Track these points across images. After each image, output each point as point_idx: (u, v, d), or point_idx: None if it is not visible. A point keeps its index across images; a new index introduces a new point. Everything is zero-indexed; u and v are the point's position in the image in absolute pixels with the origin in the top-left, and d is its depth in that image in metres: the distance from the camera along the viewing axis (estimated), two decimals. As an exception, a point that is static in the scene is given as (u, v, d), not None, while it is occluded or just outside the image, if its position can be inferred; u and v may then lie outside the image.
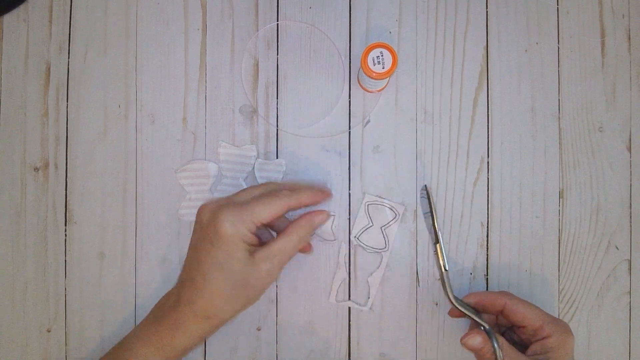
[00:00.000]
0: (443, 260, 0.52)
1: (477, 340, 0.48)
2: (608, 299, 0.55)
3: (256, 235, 0.47)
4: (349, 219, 0.55)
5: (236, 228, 0.45)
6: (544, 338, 0.48)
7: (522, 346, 0.50)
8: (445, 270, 0.51)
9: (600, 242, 0.55)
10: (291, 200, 0.48)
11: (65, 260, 0.55)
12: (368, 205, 0.55)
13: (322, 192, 0.51)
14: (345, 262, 0.55)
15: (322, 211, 0.49)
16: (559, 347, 0.47)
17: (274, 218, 0.47)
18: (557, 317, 0.54)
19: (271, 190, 0.48)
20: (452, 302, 0.50)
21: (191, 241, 0.48)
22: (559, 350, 0.47)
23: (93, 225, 0.55)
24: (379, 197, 0.55)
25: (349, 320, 0.55)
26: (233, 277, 0.46)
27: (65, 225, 0.56)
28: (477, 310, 0.51)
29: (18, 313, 0.55)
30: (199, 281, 0.46)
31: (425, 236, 0.55)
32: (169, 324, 0.48)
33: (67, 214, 0.56)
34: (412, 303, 0.55)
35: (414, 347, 0.55)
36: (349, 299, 0.55)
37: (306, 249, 0.54)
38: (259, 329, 0.55)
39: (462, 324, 0.55)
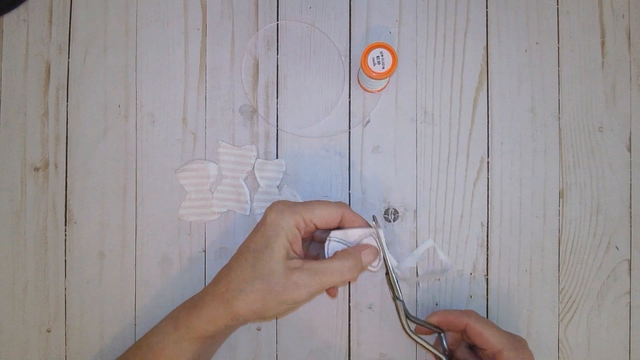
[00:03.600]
0: (396, 290, 0.50)
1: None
2: (608, 299, 0.55)
3: (302, 238, 0.46)
4: (349, 219, 0.55)
5: (282, 215, 0.44)
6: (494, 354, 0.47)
7: None
8: (400, 300, 0.50)
9: (600, 242, 0.55)
10: (347, 210, 0.47)
11: (65, 260, 0.55)
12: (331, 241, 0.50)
13: (370, 242, 0.49)
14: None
15: (374, 248, 0.48)
16: None
17: (327, 221, 0.46)
18: (558, 317, 0.55)
19: (335, 199, 0.49)
20: (407, 333, 0.49)
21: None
22: None
23: (93, 225, 0.55)
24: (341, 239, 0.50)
25: (349, 320, 0.55)
26: (259, 266, 0.44)
27: (65, 225, 0.56)
28: (442, 330, 0.51)
29: (18, 313, 0.55)
30: (231, 262, 0.46)
31: (425, 236, 0.55)
32: (191, 302, 0.47)
33: (67, 214, 0.56)
34: (412, 303, 0.55)
35: (414, 347, 0.55)
36: (349, 298, 0.55)
37: (331, 292, 0.52)
38: (259, 329, 0.55)
39: (462, 324, 0.55)
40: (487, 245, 0.55)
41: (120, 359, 0.49)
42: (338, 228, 0.49)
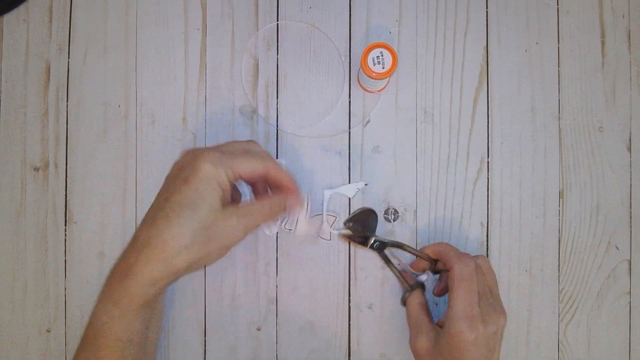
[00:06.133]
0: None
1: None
2: (608, 299, 0.55)
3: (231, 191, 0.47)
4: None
5: (216, 169, 0.44)
6: (449, 270, 0.49)
7: None
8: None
9: (600, 242, 0.55)
10: (271, 164, 0.47)
11: (65, 260, 0.55)
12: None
13: (295, 187, 0.50)
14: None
15: (299, 197, 0.49)
16: (453, 275, 0.48)
17: (253, 175, 0.46)
18: (558, 317, 0.55)
19: (255, 151, 0.48)
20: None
21: (164, 181, 0.47)
22: (452, 320, 0.47)
23: (93, 225, 0.55)
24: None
25: (349, 320, 0.55)
26: (198, 221, 0.44)
27: (65, 225, 0.56)
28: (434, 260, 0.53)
29: (18, 313, 0.55)
30: (161, 220, 0.44)
31: (425, 236, 0.55)
32: (120, 273, 0.45)
33: (67, 214, 0.56)
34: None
35: (414, 347, 0.55)
36: (349, 298, 0.55)
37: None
38: (259, 329, 0.55)
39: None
40: (487, 245, 0.55)
41: (76, 355, 0.48)
42: None
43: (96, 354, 0.46)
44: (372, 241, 0.52)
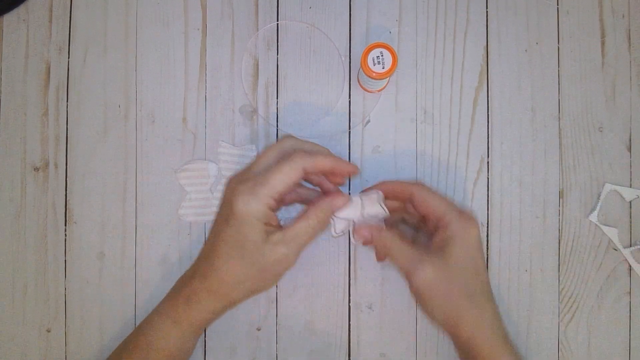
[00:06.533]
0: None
1: (365, 231, 0.47)
2: (608, 299, 0.55)
3: (275, 211, 0.46)
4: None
5: (250, 206, 0.43)
6: (442, 228, 0.46)
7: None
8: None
9: (600, 242, 0.55)
10: (307, 162, 0.45)
11: (65, 260, 0.55)
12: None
13: (342, 161, 0.48)
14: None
15: (341, 194, 0.48)
16: (458, 236, 0.46)
17: (292, 186, 0.45)
18: (558, 317, 0.55)
19: (285, 153, 0.46)
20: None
21: (215, 216, 0.48)
22: (459, 240, 0.46)
23: (93, 225, 0.55)
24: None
25: (349, 320, 0.55)
26: (247, 259, 0.45)
27: (65, 225, 0.56)
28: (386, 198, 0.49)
29: (18, 313, 0.55)
30: (214, 258, 0.46)
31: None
32: (183, 297, 0.47)
33: (67, 214, 0.56)
34: (412, 303, 0.55)
35: (414, 347, 0.55)
36: (349, 298, 0.55)
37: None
38: (259, 329, 0.55)
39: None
40: (487, 245, 0.55)
41: (122, 357, 0.49)
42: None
43: None
44: None
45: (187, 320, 0.47)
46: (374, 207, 0.48)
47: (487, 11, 0.56)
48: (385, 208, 0.48)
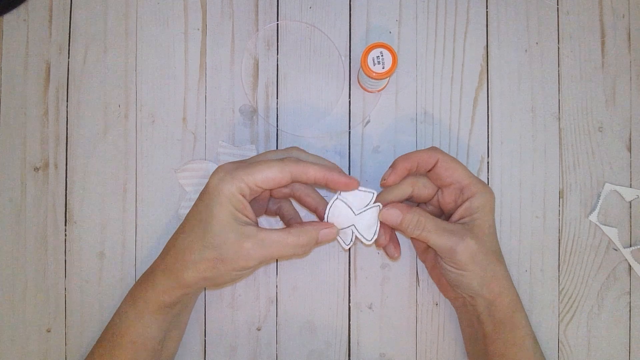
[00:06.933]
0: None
1: (393, 212, 0.46)
2: (608, 299, 0.55)
3: (249, 201, 0.44)
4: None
5: (223, 182, 0.42)
6: (469, 198, 0.47)
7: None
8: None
9: (600, 242, 0.55)
10: (295, 168, 0.43)
11: (65, 260, 0.55)
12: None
13: (337, 171, 0.45)
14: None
15: (331, 226, 0.46)
16: (483, 206, 0.47)
17: (274, 184, 0.43)
18: (558, 317, 0.55)
19: (287, 156, 0.45)
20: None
21: None
22: (484, 210, 0.47)
23: (93, 225, 0.55)
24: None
25: (349, 320, 0.55)
26: (208, 239, 0.42)
27: (65, 225, 0.56)
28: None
29: (18, 313, 0.55)
30: (178, 233, 0.45)
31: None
32: (143, 277, 0.47)
33: (67, 214, 0.56)
34: (412, 303, 0.55)
35: (414, 347, 0.55)
36: (349, 298, 0.55)
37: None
38: (259, 329, 0.55)
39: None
40: (487, 245, 0.55)
41: (92, 351, 0.50)
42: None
43: (110, 352, 0.48)
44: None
45: (143, 299, 0.46)
46: (360, 201, 0.47)
47: (487, 11, 0.56)
48: (373, 199, 0.47)
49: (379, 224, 0.48)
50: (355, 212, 0.47)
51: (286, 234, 0.44)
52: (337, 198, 0.47)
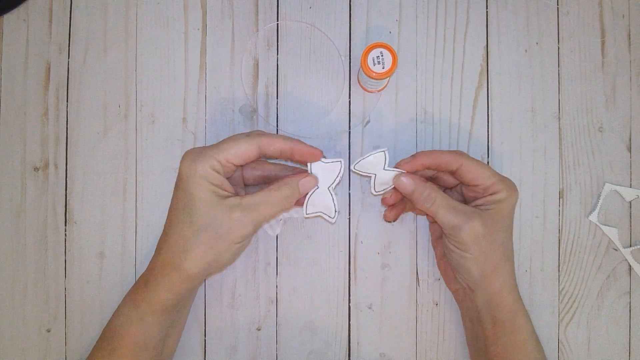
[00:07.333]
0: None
1: (407, 181, 0.47)
2: (608, 299, 0.55)
3: (224, 176, 0.44)
4: (349, 219, 0.55)
5: (195, 165, 0.42)
6: (491, 194, 0.48)
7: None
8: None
9: (600, 242, 0.55)
10: (261, 140, 0.44)
11: (65, 260, 0.55)
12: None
13: (300, 142, 0.46)
14: None
15: (310, 175, 0.47)
16: (505, 200, 0.47)
17: (244, 157, 0.44)
18: (558, 317, 0.55)
19: (253, 134, 0.45)
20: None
21: None
22: (504, 203, 0.47)
23: (93, 225, 0.55)
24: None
25: (349, 320, 0.55)
26: (197, 221, 0.42)
27: (65, 225, 0.56)
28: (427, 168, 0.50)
29: (18, 313, 0.55)
30: (166, 228, 0.45)
31: (425, 236, 0.55)
32: (143, 279, 0.47)
33: (67, 214, 0.56)
34: (412, 303, 0.55)
35: (414, 347, 0.55)
36: (349, 298, 0.55)
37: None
38: (259, 329, 0.55)
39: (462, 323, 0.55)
40: (487, 245, 0.55)
41: (93, 352, 0.49)
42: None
43: (111, 354, 0.47)
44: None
45: (145, 301, 0.45)
46: (329, 174, 0.48)
47: (487, 11, 0.56)
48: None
49: (392, 187, 0.50)
50: (327, 185, 0.48)
51: (268, 191, 0.45)
52: (310, 171, 0.48)
